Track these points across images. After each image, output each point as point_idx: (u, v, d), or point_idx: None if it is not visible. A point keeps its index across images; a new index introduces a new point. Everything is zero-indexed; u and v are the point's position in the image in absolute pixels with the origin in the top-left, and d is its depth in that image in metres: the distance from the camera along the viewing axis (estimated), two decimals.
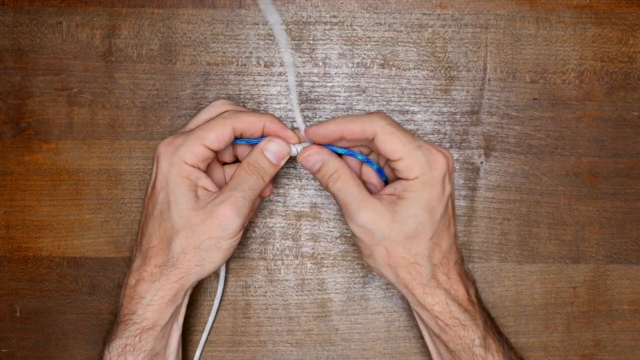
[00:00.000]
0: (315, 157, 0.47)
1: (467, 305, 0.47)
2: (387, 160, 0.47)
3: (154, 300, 0.47)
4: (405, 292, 0.48)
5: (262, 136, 0.48)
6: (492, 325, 0.49)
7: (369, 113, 0.47)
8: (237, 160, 0.52)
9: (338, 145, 0.48)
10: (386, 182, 0.50)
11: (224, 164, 0.52)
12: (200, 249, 0.46)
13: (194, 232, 0.46)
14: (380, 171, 0.49)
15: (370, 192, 0.48)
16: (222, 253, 0.47)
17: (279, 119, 0.49)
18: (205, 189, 0.47)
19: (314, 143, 0.48)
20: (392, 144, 0.45)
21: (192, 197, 0.46)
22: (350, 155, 0.48)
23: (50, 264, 0.56)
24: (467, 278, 0.49)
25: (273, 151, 0.47)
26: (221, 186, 0.49)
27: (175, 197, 0.46)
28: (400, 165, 0.45)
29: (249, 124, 0.47)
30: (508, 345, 0.49)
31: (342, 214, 0.48)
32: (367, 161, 0.49)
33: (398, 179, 0.47)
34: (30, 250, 0.56)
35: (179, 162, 0.46)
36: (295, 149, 0.48)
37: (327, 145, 0.48)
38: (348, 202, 0.46)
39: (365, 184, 0.50)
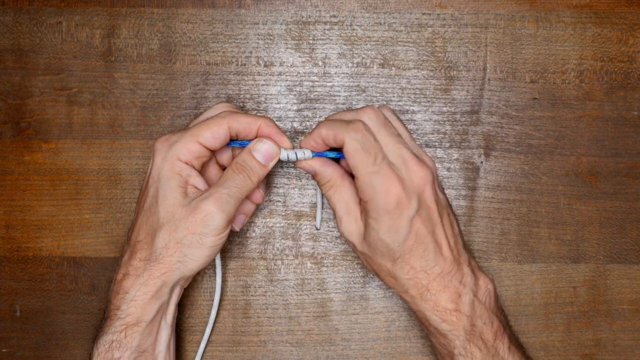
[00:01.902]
0: (308, 166, 0.49)
1: (448, 315, 0.47)
2: None
3: (137, 295, 0.47)
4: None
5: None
6: (492, 331, 0.48)
7: (352, 120, 0.47)
8: None
9: None
10: None
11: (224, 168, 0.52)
12: (182, 244, 0.46)
13: (177, 227, 0.46)
14: None
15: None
16: (204, 250, 0.47)
17: (276, 123, 0.49)
18: (195, 187, 0.47)
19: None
20: (353, 160, 0.46)
21: (180, 193, 0.46)
22: (341, 157, 0.49)
23: (50, 263, 0.56)
24: (462, 284, 0.48)
25: (262, 151, 0.48)
26: None
27: (163, 192, 0.46)
28: (356, 182, 0.47)
29: (245, 124, 0.48)
30: (510, 351, 0.48)
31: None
32: None
33: None
34: (30, 250, 0.56)
35: (172, 158, 0.47)
36: (286, 154, 0.48)
37: (319, 153, 0.49)
38: (336, 211, 0.49)
39: None
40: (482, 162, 0.56)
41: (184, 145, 0.47)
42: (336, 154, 0.49)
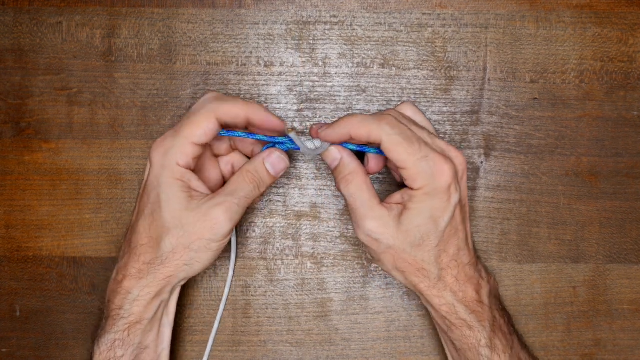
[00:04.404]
0: (335, 154, 0.48)
1: (474, 306, 0.47)
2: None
3: (140, 295, 0.47)
4: (415, 291, 0.49)
5: (250, 129, 0.50)
6: (506, 324, 0.49)
7: (381, 115, 0.46)
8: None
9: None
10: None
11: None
12: (190, 249, 0.47)
13: (185, 232, 0.46)
14: None
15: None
16: (211, 254, 0.47)
17: (266, 108, 0.48)
18: (197, 191, 0.47)
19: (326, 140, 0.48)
20: (396, 153, 0.45)
21: (185, 198, 0.47)
22: (362, 150, 0.48)
23: (50, 263, 0.56)
24: (481, 277, 0.49)
25: (275, 165, 0.48)
26: (215, 182, 0.51)
27: (167, 198, 0.46)
28: (405, 174, 0.46)
29: (233, 115, 0.47)
30: (521, 345, 0.49)
31: (351, 218, 0.48)
32: (380, 152, 0.49)
33: (404, 186, 0.47)
34: (30, 250, 0.56)
35: (171, 164, 0.47)
36: (306, 149, 0.48)
37: (340, 143, 0.48)
38: (356, 207, 0.47)
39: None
40: (482, 162, 0.56)
41: (179, 150, 0.47)
42: (353, 146, 0.48)
